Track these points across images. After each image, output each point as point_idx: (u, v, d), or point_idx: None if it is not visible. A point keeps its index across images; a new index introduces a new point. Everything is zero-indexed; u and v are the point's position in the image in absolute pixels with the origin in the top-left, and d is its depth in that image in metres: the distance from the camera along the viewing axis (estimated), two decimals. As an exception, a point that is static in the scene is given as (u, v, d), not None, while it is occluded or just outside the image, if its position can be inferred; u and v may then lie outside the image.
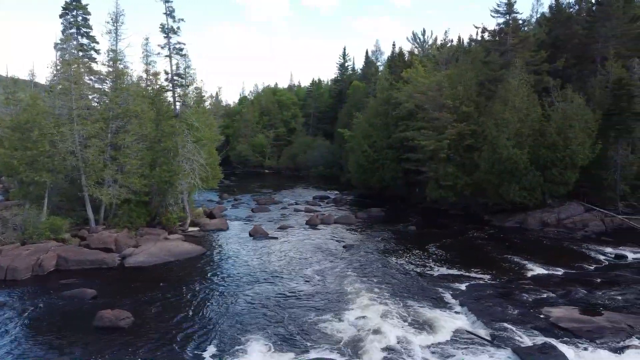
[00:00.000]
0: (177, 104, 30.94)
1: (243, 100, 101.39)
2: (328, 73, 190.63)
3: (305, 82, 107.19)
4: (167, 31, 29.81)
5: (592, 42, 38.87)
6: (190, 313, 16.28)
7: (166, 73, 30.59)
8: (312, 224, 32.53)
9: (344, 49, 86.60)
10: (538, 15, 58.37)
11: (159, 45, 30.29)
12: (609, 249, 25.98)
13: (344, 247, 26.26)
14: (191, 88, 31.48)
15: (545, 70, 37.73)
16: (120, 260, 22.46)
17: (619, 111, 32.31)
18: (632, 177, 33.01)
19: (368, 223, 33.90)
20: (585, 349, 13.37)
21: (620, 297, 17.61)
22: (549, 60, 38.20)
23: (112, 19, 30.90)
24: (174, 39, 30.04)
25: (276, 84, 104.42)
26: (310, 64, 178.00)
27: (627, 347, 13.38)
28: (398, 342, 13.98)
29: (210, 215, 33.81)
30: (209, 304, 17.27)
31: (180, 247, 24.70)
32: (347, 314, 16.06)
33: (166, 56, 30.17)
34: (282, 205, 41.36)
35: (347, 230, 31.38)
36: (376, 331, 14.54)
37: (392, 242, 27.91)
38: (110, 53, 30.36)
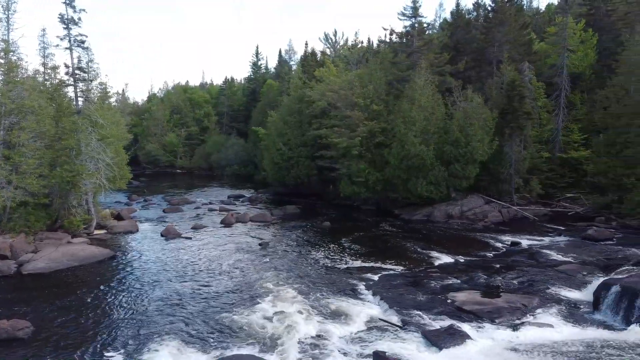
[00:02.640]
0: (80, 99, 29.13)
1: (152, 98, 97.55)
2: (241, 72, 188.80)
3: (218, 81, 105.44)
4: (67, 22, 27.93)
5: (489, 46, 41.83)
6: (97, 319, 15.46)
7: (66, 67, 28.63)
8: (227, 223, 32.10)
9: (257, 48, 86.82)
10: (441, 20, 61.96)
11: (58, 36, 28.31)
12: (506, 237, 28.13)
13: (259, 244, 26.21)
14: (95, 83, 29.75)
15: (448, 71, 40.06)
16: (17, 268, 20.75)
17: (512, 110, 35.05)
18: (525, 171, 36.00)
19: (284, 220, 34.07)
20: (486, 328, 14.43)
21: (516, 280, 19.17)
22: (451, 62, 40.64)
23: (2, 6, 28.43)
24: (75, 31, 28.24)
25: (187, 82, 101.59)
26: (222, 63, 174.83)
27: (522, 324, 14.63)
28: (314, 334, 14.24)
29: (119, 217, 32.23)
30: (117, 308, 16.50)
31: (86, 250, 23.32)
32: (263, 310, 16.07)
33: (66, 48, 28.24)
34: (196, 205, 40.41)
35: (263, 228, 31.34)
36: (292, 325, 14.70)
37: (308, 238, 28.30)
38: (1, 43, 27.93)
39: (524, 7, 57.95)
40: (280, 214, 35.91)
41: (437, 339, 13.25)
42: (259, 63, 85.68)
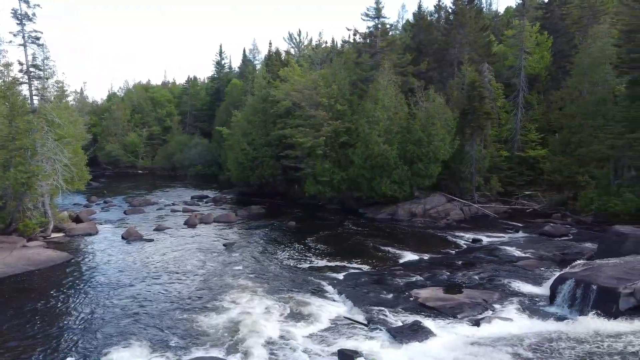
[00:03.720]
0: (35, 98, 28.14)
1: (112, 97, 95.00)
2: (205, 71, 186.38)
3: (181, 80, 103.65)
4: (21, 17, 26.95)
5: (450, 48, 42.70)
6: (55, 325, 14.98)
7: (20, 64, 27.64)
8: (190, 224, 31.63)
9: (220, 47, 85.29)
10: (404, 21, 62.83)
11: (10, 32, 27.28)
12: (467, 235, 28.78)
13: (224, 245, 25.96)
14: (51, 81, 28.83)
15: (411, 72, 40.65)
16: (-32, 274, 19.92)
17: (472, 110, 35.88)
18: (485, 170, 36.93)
19: (249, 220, 33.85)
20: (448, 323, 14.72)
21: (477, 276, 19.65)
22: (414, 62, 41.25)
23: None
24: (29, 27, 27.27)
25: (149, 80, 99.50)
26: (185, 62, 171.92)
27: (483, 318, 15.00)
28: (280, 334, 14.21)
29: (77, 220, 31.32)
30: (76, 313, 16.02)
31: (42, 254, 22.57)
32: (227, 311, 15.92)
33: (20, 45, 27.27)
34: (158, 206, 39.65)
35: (228, 228, 31.05)
36: (257, 325, 14.61)
37: (273, 238, 28.21)
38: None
39: (484, 10, 59.42)
40: (245, 214, 35.66)
41: (401, 335, 13.45)
42: (223, 62, 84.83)
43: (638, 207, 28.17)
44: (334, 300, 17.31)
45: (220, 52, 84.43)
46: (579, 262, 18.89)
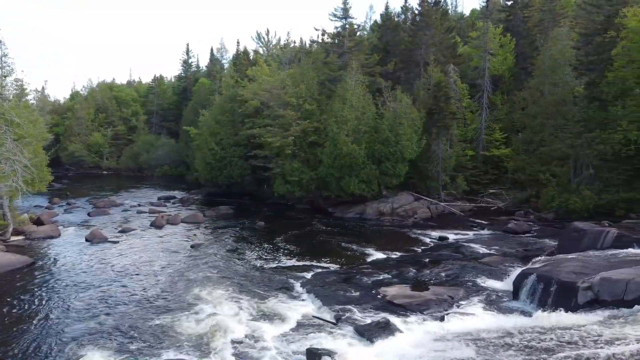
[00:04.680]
0: (-8, 97, 27.19)
1: (75, 95, 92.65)
2: (171, 70, 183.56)
3: (147, 79, 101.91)
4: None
5: (416, 48, 43.29)
6: (16, 330, 14.53)
7: (-24, 62, 26.70)
8: (157, 225, 31.12)
9: (187, 46, 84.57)
10: (371, 22, 63.38)
11: (-35, 29, 26.28)
12: (434, 233, 29.26)
13: (191, 246, 25.65)
14: (9, 79, 27.94)
15: (378, 72, 41.06)
16: None
17: (439, 110, 36.49)
18: (451, 168, 37.62)
19: (217, 221, 33.55)
20: (415, 320, 14.95)
21: (443, 273, 20.00)
22: (381, 63, 41.69)
23: None
24: (-15, 23, 26.31)
25: (113, 79, 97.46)
26: (151, 60, 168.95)
27: (449, 314, 15.29)
28: (248, 334, 14.16)
29: (38, 222, 30.38)
30: (37, 318, 15.57)
31: (1, 258, 21.75)
32: (195, 312, 15.76)
33: (-24, 42, 26.33)
34: (124, 208, 38.86)
35: (196, 229, 30.70)
36: (225, 326, 14.52)
37: (242, 238, 28.05)
38: None
39: (449, 12, 60.50)
40: (213, 215, 35.32)
41: (369, 333, 13.59)
42: (190, 61, 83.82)
43: (596, 204, 29.23)
44: (302, 300, 17.35)
45: (187, 51, 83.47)
46: (540, 258, 19.47)
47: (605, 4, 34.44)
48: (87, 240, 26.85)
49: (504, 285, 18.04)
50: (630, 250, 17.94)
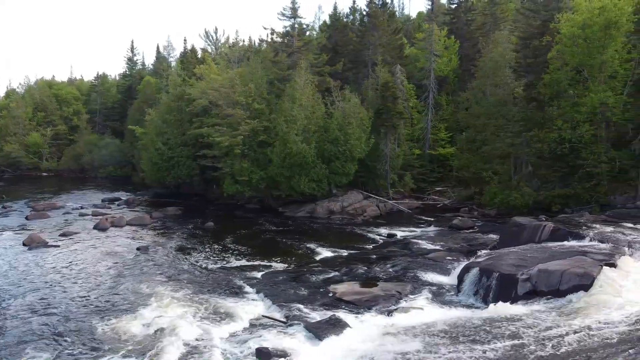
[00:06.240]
0: None
1: (11, 93, 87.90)
2: (115, 67, 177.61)
3: (89, 76, 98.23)
4: None
5: (364, 49, 43.96)
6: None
7: None
8: (101, 228, 30.04)
9: (132, 43, 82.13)
10: (320, 22, 63.77)
11: None
12: (383, 230, 29.78)
13: (137, 249, 24.91)
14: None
15: (327, 72, 41.36)
16: None
17: (386, 110, 37.17)
18: (399, 167, 38.42)
19: (164, 222, 32.77)
20: (364, 316, 15.14)
21: (391, 269, 20.38)
22: (330, 63, 42.02)
23: None
24: None
25: (53, 77, 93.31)
26: (93, 57, 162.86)
27: (396, 309, 15.60)
28: (197, 336, 13.88)
29: (-29, 227, 28.71)
30: (-29, 327, 14.72)
31: None
32: (141, 316, 15.32)
33: None
34: (65, 210, 37.25)
35: (142, 231, 29.87)
36: (174, 329, 14.18)
37: (190, 240, 27.56)
38: None
39: (396, 14, 61.80)
40: (161, 216, 34.48)
41: (318, 330, 13.67)
42: (135, 58, 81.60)
43: (535, 200, 30.66)
44: (252, 300, 17.23)
45: (132, 48, 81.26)
46: (483, 252, 20.24)
47: (542, 10, 36.24)
48: (24, 244, 25.49)
49: (449, 279, 18.58)
50: (565, 242, 18.92)
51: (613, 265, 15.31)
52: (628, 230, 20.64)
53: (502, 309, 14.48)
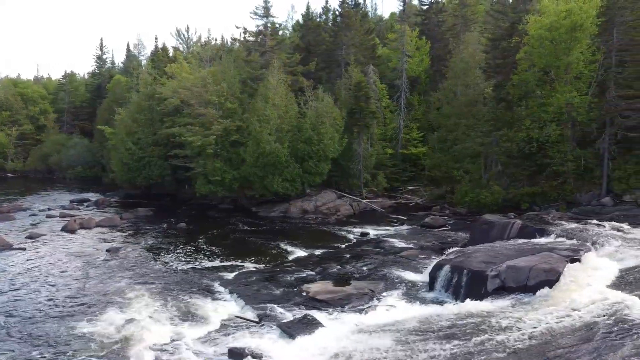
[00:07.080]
0: None
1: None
2: (84, 66, 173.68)
3: (56, 75, 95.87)
4: None
5: (337, 49, 44.09)
6: None
7: None
8: (69, 230, 29.33)
9: (101, 41, 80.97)
10: (293, 22, 63.73)
11: None
12: (356, 229, 29.93)
13: (107, 250, 24.43)
14: None
15: (300, 71, 41.31)
16: None
17: (359, 110, 37.37)
18: (372, 166, 38.68)
19: (135, 224, 32.21)
20: (337, 314, 15.24)
21: (364, 268, 20.53)
22: (303, 62, 41.97)
23: None
24: None
25: (18, 75, 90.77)
26: (61, 55, 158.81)
27: (370, 307, 15.76)
28: (169, 338, 13.74)
29: None
30: None
31: None
32: (112, 319, 15.01)
33: None
34: (32, 212, 36.22)
35: (112, 233, 29.31)
36: (144, 331, 13.99)
37: (162, 241, 27.19)
38: None
39: (369, 14, 62.20)
40: (131, 217, 33.88)
41: (291, 329, 13.67)
42: (105, 57, 79.94)
43: (504, 198, 31.28)
44: (225, 300, 17.14)
45: (102, 46, 79.64)
46: (454, 249, 20.56)
47: (510, 12, 36.98)
48: (-12, 248, 24.77)
49: (422, 277, 18.84)
50: (533, 239, 19.40)
51: (578, 260, 15.78)
52: (593, 227, 21.31)
53: (472, 305, 14.77)
